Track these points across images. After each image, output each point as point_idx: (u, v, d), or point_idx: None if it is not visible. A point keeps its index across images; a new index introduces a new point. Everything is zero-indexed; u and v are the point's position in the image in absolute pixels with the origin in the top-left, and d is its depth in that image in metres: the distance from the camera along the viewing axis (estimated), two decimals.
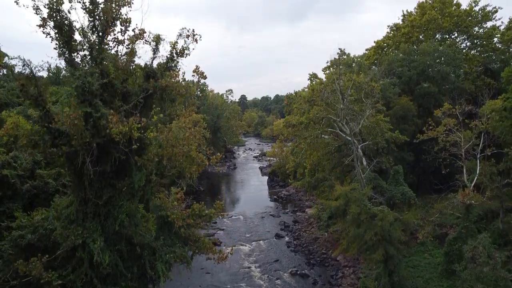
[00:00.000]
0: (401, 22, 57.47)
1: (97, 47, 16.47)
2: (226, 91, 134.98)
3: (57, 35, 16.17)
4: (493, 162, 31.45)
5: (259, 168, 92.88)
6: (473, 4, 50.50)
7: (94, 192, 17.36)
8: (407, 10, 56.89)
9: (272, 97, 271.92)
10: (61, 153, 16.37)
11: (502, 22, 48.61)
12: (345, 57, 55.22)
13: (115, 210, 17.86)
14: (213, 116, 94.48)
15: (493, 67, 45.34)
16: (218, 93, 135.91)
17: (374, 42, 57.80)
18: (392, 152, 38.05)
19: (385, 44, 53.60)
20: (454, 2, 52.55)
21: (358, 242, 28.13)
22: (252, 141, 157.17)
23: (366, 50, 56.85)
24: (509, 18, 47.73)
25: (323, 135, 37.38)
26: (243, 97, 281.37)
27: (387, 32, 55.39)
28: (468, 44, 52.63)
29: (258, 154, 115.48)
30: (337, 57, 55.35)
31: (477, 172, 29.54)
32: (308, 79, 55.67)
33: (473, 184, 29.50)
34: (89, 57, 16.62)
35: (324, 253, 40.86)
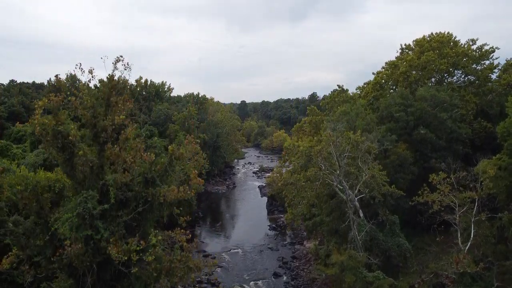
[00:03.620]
0: (399, 54, 58.01)
1: (97, 162, 16.91)
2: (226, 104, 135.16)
3: (59, 154, 16.63)
4: (487, 224, 31.93)
5: (259, 187, 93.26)
6: (471, 43, 50.96)
7: None
8: (405, 44, 57.44)
9: (272, 101, 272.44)
10: (62, 266, 16.82)
11: (499, 62, 49.11)
12: (346, 90, 55.71)
13: None
14: (213, 135, 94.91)
15: (490, 111, 45.75)
16: (218, 101, 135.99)
17: (373, 74, 58.32)
18: (389, 201, 38.49)
19: (383, 81, 54.01)
20: (453, 38, 53.07)
21: None
22: (252, 152, 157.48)
23: (365, 84, 57.30)
24: (506, 60, 48.14)
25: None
26: (243, 103, 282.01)
27: (385, 68, 55.77)
28: (465, 79, 53.03)
29: (257, 169, 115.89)
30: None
31: (471, 237, 29.98)
32: (307, 114, 56.19)
33: (467, 248, 29.96)
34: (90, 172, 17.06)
35: None
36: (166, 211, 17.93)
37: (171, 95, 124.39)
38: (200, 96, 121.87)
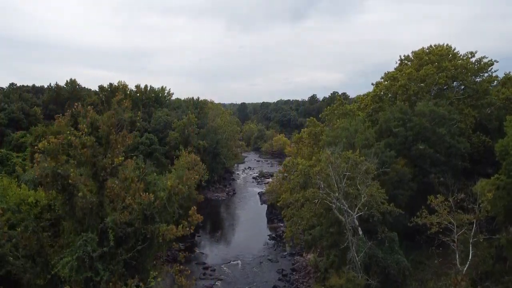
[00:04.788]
0: (398, 65, 58.16)
1: (96, 202, 17.04)
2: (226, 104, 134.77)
3: (59, 195, 16.75)
4: (485, 244, 32.08)
5: (258, 194, 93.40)
6: (469, 55, 51.07)
7: None
8: (404, 55, 57.60)
9: (272, 102, 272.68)
10: None
11: (497, 76, 49.21)
12: (345, 101, 55.80)
13: None
14: (213, 142, 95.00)
15: (489, 125, 45.86)
16: (218, 104, 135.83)
17: (372, 84, 58.49)
18: (388, 219, 38.58)
19: (382, 93, 54.13)
20: (452, 50, 53.18)
21: None
22: (252, 156, 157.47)
23: (364, 95, 57.43)
24: (504, 73, 48.28)
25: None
26: (243, 105, 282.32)
27: (384, 79, 55.89)
28: (463, 92, 53.07)
29: (257, 175, 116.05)
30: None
31: (469, 258, 30.12)
32: (306, 125, 56.34)
33: (465, 269, 30.10)
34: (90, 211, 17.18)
35: None
36: (165, 248, 18.07)
37: (171, 98, 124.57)
38: (199, 100, 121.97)
